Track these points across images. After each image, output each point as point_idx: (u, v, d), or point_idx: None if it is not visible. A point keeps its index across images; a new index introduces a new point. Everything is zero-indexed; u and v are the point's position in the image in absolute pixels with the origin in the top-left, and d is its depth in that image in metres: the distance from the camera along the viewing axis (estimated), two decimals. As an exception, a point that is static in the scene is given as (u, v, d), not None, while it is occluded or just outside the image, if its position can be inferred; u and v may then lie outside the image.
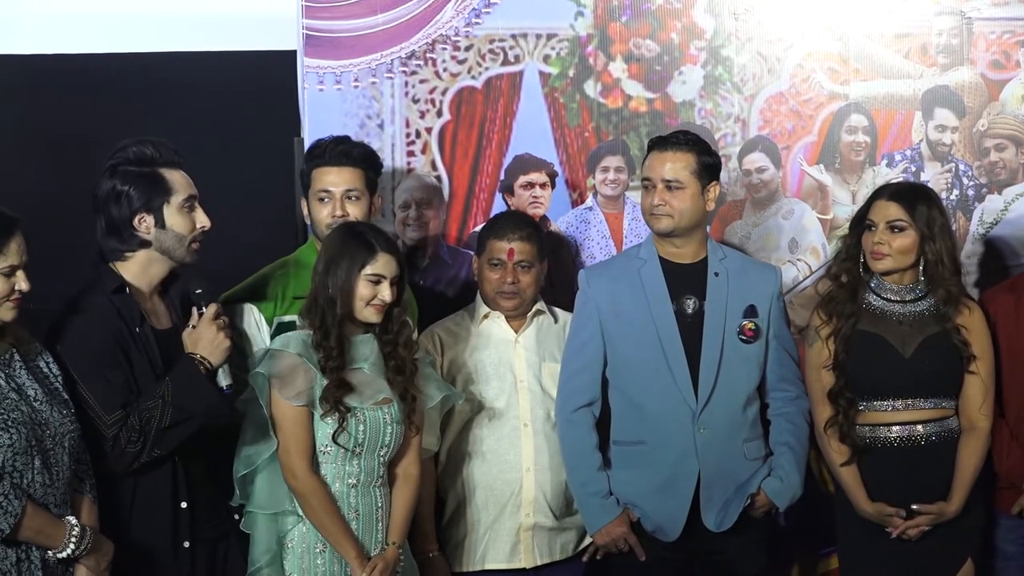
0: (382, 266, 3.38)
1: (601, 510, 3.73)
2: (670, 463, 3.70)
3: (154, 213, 3.31)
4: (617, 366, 3.75)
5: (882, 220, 3.67)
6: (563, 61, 4.24)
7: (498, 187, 4.24)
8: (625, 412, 3.76)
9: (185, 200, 3.35)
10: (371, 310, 3.39)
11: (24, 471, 2.95)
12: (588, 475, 3.74)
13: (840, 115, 4.32)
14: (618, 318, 3.73)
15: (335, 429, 3.36)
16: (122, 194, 3.30)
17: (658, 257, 3.75)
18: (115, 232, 3.32)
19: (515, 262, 3.80)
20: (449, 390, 3.63)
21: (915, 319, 3.70)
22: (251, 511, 3.42)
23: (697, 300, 3.72)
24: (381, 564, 3.40)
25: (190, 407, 3.20)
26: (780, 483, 3.75)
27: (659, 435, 3.70)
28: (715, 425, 3.69)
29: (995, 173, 4.37)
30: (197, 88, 4.34)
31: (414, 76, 4.19)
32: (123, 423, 3.16)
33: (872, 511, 3.70)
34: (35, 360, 3.12)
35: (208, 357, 3.26)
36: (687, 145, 3.70)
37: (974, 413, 3.70)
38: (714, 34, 4.28)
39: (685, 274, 3.74)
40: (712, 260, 3.76)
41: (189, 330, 3.30)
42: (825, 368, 3.71)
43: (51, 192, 4.24)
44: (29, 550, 2.99)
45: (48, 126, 4.34)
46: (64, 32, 4.37)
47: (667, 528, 3.71)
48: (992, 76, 4.35)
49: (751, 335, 3.74)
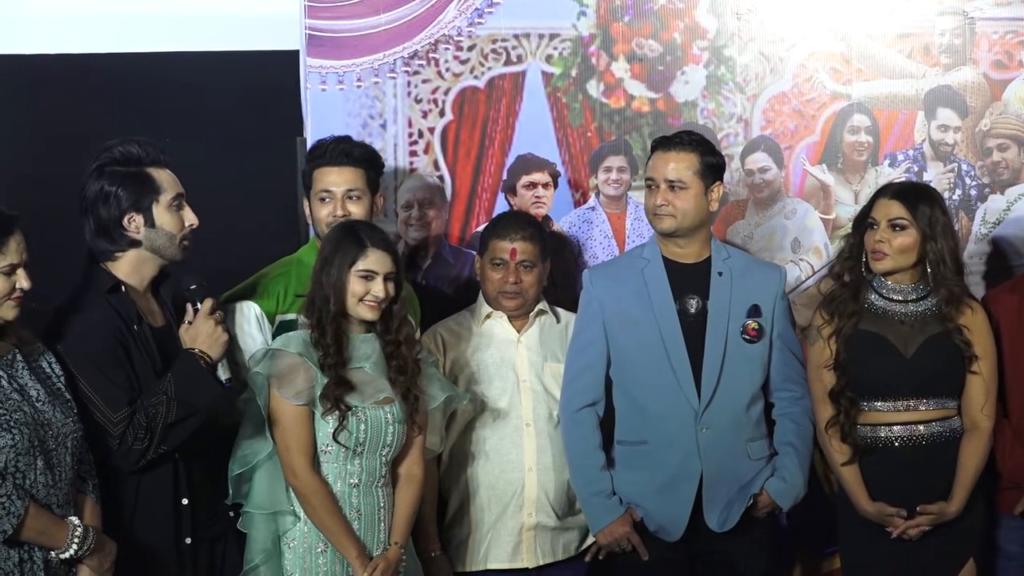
0: (373, 262, 3.38)
1: (604, 510, 3.73)
2: (673, 463, 3.69)
3: (143, 212, 3.30)
4: (621, 366, 3.75)
5: (884, 219, 3.66)
6: (566, 61, 4.24)
7: (500, 187, 4.24)
8: (628, 412, 3.76)
9: (173, 198, 3.34)
10: (364, 307, 3.39)
11: (27, 472, 2.94)
12: (591, 475, 3.74)
13: (843, 115, 4.32)
14: (622, 318, 3.73)
15: (335, 427, 3.36)
16: (110, 195, 3.29)
17: (662, 257, 3.75)
18: (105, 233, 3.31)
19: (517, 262, 3.80)
20: (453, 391, 3.62)
21: (917, 319, 3.70)
22: (248, 511, 3.42)
23: (700, 299, 3.72)
24: (383, 564, 3.40)
25: (194, 401, 3.20)
26: (783, 484, 3.75)
27: (661, 435, 3.70)
28: (718, 425, 3.69)
29: (998, 173, 4.37)
30: (199, 88, 4.33)
31: (417, 76, 4.18)
32: (129, 421, 3.17)
33: (873, 511, 3.69)
34: (37, 360, 3.11)
35: (207, 352, 3.26)
36: (691, 145, 3.70)
37: (976, 413, 3.69)
38: (717, 34, 4.27)
39: (689, 274, 3.74)
40: (716, 259, 3.76)
41: (186, 326, 3.30)
42: (826, 368, 3.71)
43: (52, 191, 4.23)
44: (32, 551, 2.98)
45: (48, 126, 4.33)
46: (65, 32, 4.37)
47: (669, 528, 3.71)
48: (995, 76, 4.35)
49: (754, 335, 3.73)
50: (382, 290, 3.38)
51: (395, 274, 3.42)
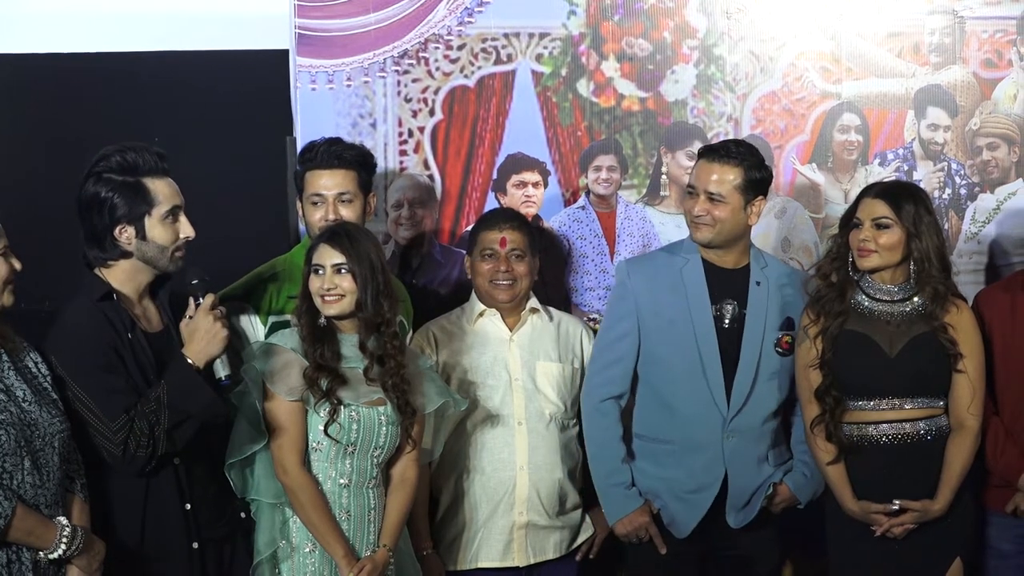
0: (318, 256, 3.38)
1: (624, 499, 3.74)
2: (698, 468, 3.71)
3: (135, 224, 3.27)
4: (651, 363, 3.75)
5: (868, 217, 3.66)
6: (556, 60, 4.24)
7: (491, 186, 4.24)
8: (653, 409, 3.77)
9: (168, 211, 3.30)
10: (321, 302, 3.38)
11: (13, 472, 2.94)
12: (612, 466, 3.75)
13: (833, 114, 4.33)
14: (657, 316, 3.73)
15: (326, 420, 3.35)
16: (104, 203, 3.26)
17: (700, 258, 3.74)
18: (96, 241, 3.30)
19: (508, 251, 3.80)
20: (450, 396, 3.60)
21: (903, 319, 3.70)
22: (256, 499, 3.42)
23: (737, 306, 3.72)
24: (369, 566, 3.38)
25: (185, 408, 3.19)
26: (804, 478, 3.79)
27: (688, 438, 3.71)
28: (744, 433, 3.71)
29: (987, 172, 4.38)
30: (189, 87, 4.32)
31: (407, 75, 4.18)
32: (129, 429, 3.15)
33: (857, 509, 3.69)
34: (23, 359, 3.11)
35: (206, 347, 3.23)
36: (736, 158, 3.67)
37: (962, 412, 3.69)
38: (707, 33, 4.28)
39: (727, 279, 3.73)
40: (754, 268, 3.75)
41: (186, 321, 3.28)
42: (812, 367, 3.71)
43: (39, 191, 4.23)
44: (20, 551, 2.98)
45: (36, 125, 4.32)
46: (53, 31, 4.35)
47: (683, 525, 3.73)
48: (984, 75, 4.36)
49: (787, 348, 3.75)
50: (329, 282, 3.36)
51: (345, 265, 3.36)
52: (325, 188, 3.65)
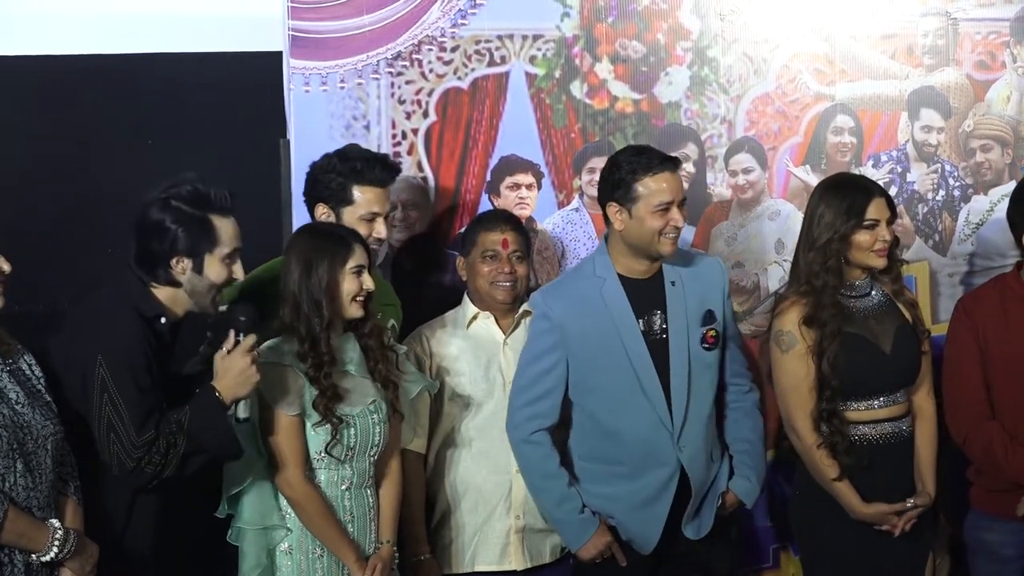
0: (360, 256, 3.39)
1: (581, 525, 3.69)
2: (654, 484, 3.68)
3: (195, 259, 3.26)
4: (586, 392, 3.70)
5: (883, 217, 3.68)
6: (549, 62, 4.23)
7: (484, 188, 4.23)
8: (596, 436, 3.71)
9: (229, 253, 3.30)
10: (356, 305, 3.39)
11: (6, 474, 2.94)
12: (561, 494, 3.69)
13: (826, 116, 4.33)
14: (584, 343, 3.66)
15: (328, 441, 3.36)
16: (167, 232, 3.23)
17: (617, 274, 3.69)
18: (148, 263, 3.26)
19: (510, 252, 3.80)
20: (424, 380, 3.63)
21: (877, 312, 3.73)
22: (240, 526, 3.39)
23: (662, 314, 3.66)
24: (380, 564, 3.44)
25: (202, 440, 3.16)
26: (748, 483, 3.78)
27: (641, 459, 3.67)
28: (693, 440, 3.68)
29: (981, 174, 4.38)
30: (183, 89, 4.32)
31: (400, 77, 4.17)
32: (150, 447, 3.12)
33: (870, 512, 3.66)
34: (16, 362, 3.10)
35: (236, 387, 3.19)
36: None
37: (924, 396, 3.77)
38: (700, 35, 4.27)
39: (645, 288, 3.69)
40: (666, 268, 3.71)
41: (223, 353, 3.22)
42: (809, 387, 3.66)
43: (35, 191, 4.23)
44: (12, 554, 2.98)
45: (31, 127, 4.32)
46: (48, 34, 4.35)
47: (643, 541, 3.70)
48: (978, 77, 4.37)
49: (713, 342, 3.72)
50: (371, 283, 3.39)
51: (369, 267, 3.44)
52: (380, 207, 3.71)
